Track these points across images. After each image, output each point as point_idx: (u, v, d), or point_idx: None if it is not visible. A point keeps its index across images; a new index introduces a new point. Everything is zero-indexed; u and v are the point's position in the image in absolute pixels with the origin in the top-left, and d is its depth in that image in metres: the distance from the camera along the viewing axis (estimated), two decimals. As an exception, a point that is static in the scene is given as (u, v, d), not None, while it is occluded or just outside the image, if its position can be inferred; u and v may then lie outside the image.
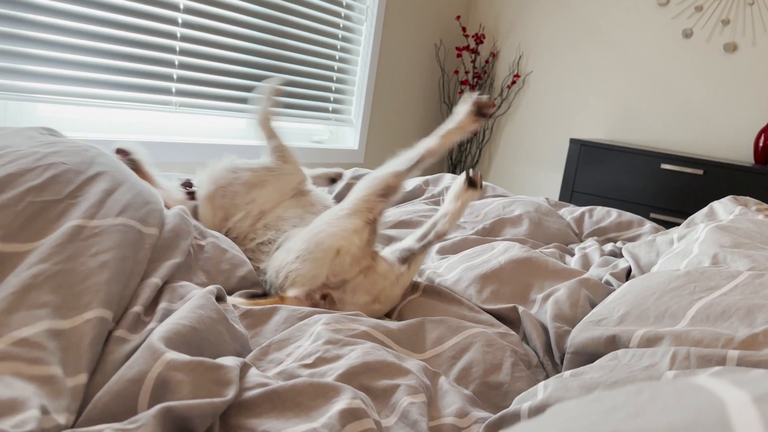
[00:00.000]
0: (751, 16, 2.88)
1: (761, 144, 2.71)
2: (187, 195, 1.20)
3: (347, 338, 0.76)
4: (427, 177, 2.02)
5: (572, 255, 1.51)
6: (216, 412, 0.56)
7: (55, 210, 0.71)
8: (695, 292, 0.85)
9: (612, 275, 1.26)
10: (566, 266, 1.20)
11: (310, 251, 0.93)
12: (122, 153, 1.17)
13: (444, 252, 1.40)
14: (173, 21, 2.08)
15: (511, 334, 0.94)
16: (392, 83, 3.20)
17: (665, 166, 2.67)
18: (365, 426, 0.58)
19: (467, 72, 3.56)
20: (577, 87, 3.36)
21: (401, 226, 1.57)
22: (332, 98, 2.87)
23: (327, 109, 2.86)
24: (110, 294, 0.67)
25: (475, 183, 1.11)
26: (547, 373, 0.90)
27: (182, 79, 2.16)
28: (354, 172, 1.83)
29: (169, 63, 2.11)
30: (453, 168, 3.65)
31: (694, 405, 0.32)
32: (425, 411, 0.66)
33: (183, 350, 0.61)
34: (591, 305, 1.06)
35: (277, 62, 2.52)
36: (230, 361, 0.62)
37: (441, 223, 1.06)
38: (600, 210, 1.84)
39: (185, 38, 2.13)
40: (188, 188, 1.22)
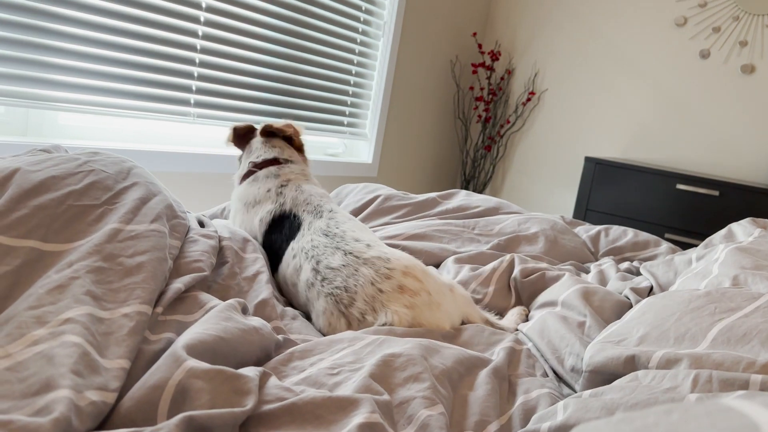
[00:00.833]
0: (769, 38, 2.87)
1: (779, 166, 2.69)
2: None
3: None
4: (441, 192, 2.02)
5: (588, 272, 1.51)
6: (236, 422, 0.56)
7: (94, 214, 0.74)
8: (715, 314, 0.84)
9: (633, 290, 1.25)
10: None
11: None
12: None
13: (461, 262, 1.43)
14: (194, 33, 2.11)
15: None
16: (407, 98, 3.22)
17: (681, 187, 2.66)
18: (383, 440, 0.58)
19: (482, 88, 3.58)
20: (593, 105, 3.35)
21: (415, 239, 1.57)
22: (347, 112, 2.89)
23: (342, 123, 2.87)
24: (146, 291, 0.69)
25: None
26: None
27: (201, 91, 2.19)
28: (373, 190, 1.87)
29: (189, 75, 2.13)
30: (466, 184, 3.65)
31: (728, 426, 0.31)
32: (443, 423, 0.66)
33: (208, 359, 0.62)
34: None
35: (294, 75, 2.54)
36: (250, 371, 0.63)
37: None
38: (616, 229, 1.84)
39: (205, 50, 2.16)
40: None
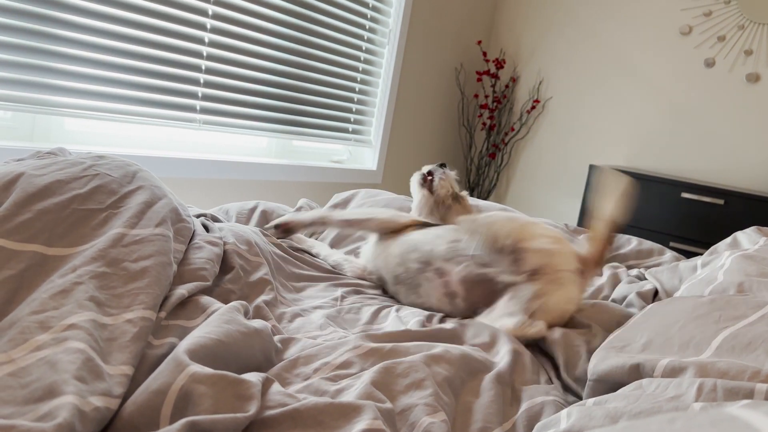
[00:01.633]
0: (775, 47, 2.87)
1: (784, 175, 2.68)
2: None
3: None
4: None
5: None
6: (239, 428, 0.56)
7: (98, 218, 0.74)
8: (720, 321, 0.83)
9: (638, 294, 1.25)
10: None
11: None
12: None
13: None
14: (200, 40, 2.12)
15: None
16: (412, 105, 3.22)
17: (686, 195, 2.65)
18: (386, 447, 0.58)
19: (487, 96, 3.58)
20: (598, 114, 3.35)
21: None
22: (352, 119, 2.89)
23: (347, 130, 2.88)
24: (150, 296, 0.69)
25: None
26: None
27: (207, 97, 2.20)
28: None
29: (195, 81, 2.14)
30: (471, 191, 3.65)
31: (733, 435, 0.31)
32: (445, 430, 0.65)
33: (209, 363, 0.62)
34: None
35: (300, 82, 2.55)
36: (253, 377, 0.63)
37: None
38: (620, 237, 1.83)
39: (211, 57, 2.17)
40: None
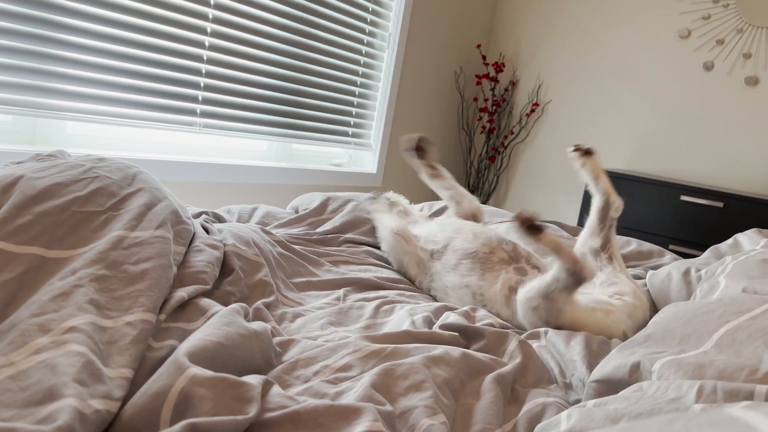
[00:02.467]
0: (773, 50, 2.87)
1: (784, 178, 2.68)
2: None
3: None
4: (435, 203, 2.01)
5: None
6: (238, 430, 0.56)
7: (98, 220, 0.74)
8: (724, 316, 0.83)
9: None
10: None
11: None
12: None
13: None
14: (200, 44, 2.13)
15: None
16: (412, 109, 3.23)
17: (685, 198, 2.65)
18: (386, 449, 0.58)
19: (486, 99, 3.59)
20: (597, 117, 3.36)
21: None
22: (352, 122, 2.90)
23: (347, 133, 2.88)
24: (150, 299, 0.69)
25: (584, 149, 1.37)
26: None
27: (207, 101, 2.20)
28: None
29: (195, 85, 2.15)
30: (470, 193, 3.65)
31: (732, 435, 0.31)
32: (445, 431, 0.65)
33: (209, 366, 0.61)
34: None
35: (300, 86, 2.56)
36: (253, 379, 0.63)
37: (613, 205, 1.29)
38: (619, 239, 1.83)
39: (212, 61, 2.18)
40: None
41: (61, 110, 1.81)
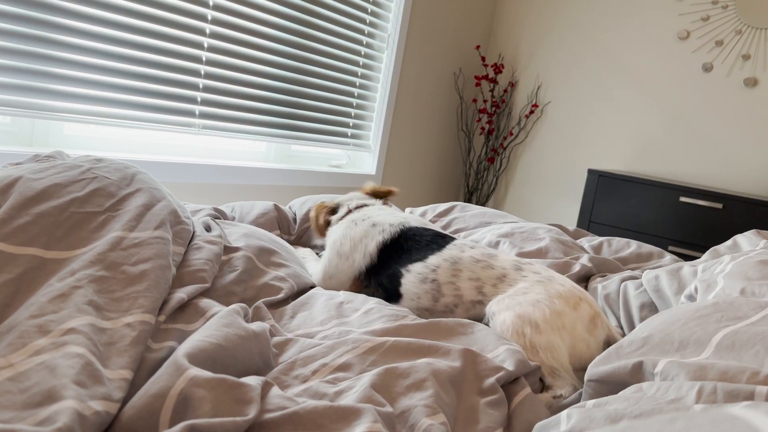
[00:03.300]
0: (772, 51, 2.88)
1: (782, 179, 2.69)
2: None
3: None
4: (438, 206, 2.01)
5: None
6: (238, 431, 0.55)
7: (96, 221, 0.74)
8: (722, 321, 0.83)
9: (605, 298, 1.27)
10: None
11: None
12: None
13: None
14: (199, 45, 2.13)
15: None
16: (411, 110, 3.23)
17: (684, 199, 2.65)
18: (386, 450, 0.57)
19: (485, 101, 3.59)
20: (596, 118, 3.36)
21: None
22: (351, 124, 2.90)
23: (346, 134, 2.88)
24: (149, 300, 0.69)
25: None
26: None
27: (206, 102, 2.20)
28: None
29: (194, 86, 2.15)
30: (469, 195, 3.65)
31: (733, 434, 0.31)
32: (444, 431, 0.65)
33: (208, 367, 0.61)
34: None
35: (299, 87, 2.55)
36: (252, 380, 0.62)
37: None
38: (619, 240, 1.83)
39: (210, 62, 2.18)
40: None
41: (60, 111, 1.81)
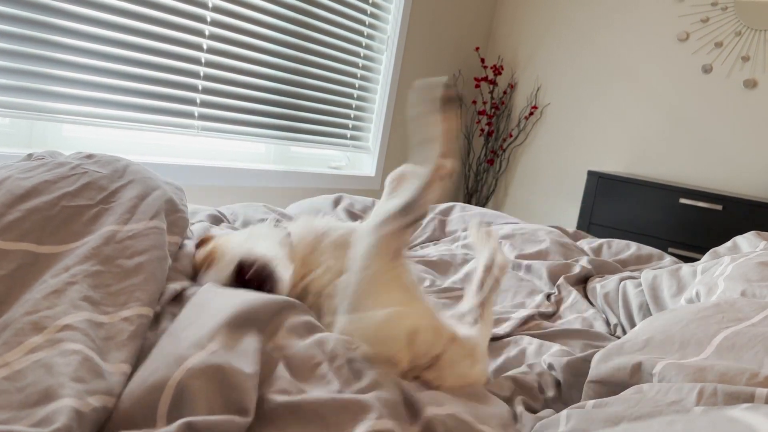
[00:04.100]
0: (771, 53, 2.88)
1: (782, 180, 2.68)
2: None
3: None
4: (438, 206, 2.00)
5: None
6: (237, 431, 0.55)
7: (88, 214, 0.73)
8: (723, 322, 0.83)
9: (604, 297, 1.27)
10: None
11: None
12: None
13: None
14: (198, 46, 2.12)
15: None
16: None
17: (684, 201, 2.65)
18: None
19: (485, 102, 3.59)
20: (595, 120, 3.36)
21: (429, 266, 1.54)
22: (351, 125, 2.90)
23: (345, 136, 2.88)
24: (146, 293, 0.69)
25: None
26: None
27: (205, 104, 2.20)
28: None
29: (193, 87, 2.14)
30: (469, 197, 3.64)
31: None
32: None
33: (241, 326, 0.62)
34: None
35: (298, 88, 2.55)
36: (250, 368, 0.61)
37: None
38: (619, 242, 1.83)
39: (209, 63, 2.17)
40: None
41: (59, 113, 1.80)
